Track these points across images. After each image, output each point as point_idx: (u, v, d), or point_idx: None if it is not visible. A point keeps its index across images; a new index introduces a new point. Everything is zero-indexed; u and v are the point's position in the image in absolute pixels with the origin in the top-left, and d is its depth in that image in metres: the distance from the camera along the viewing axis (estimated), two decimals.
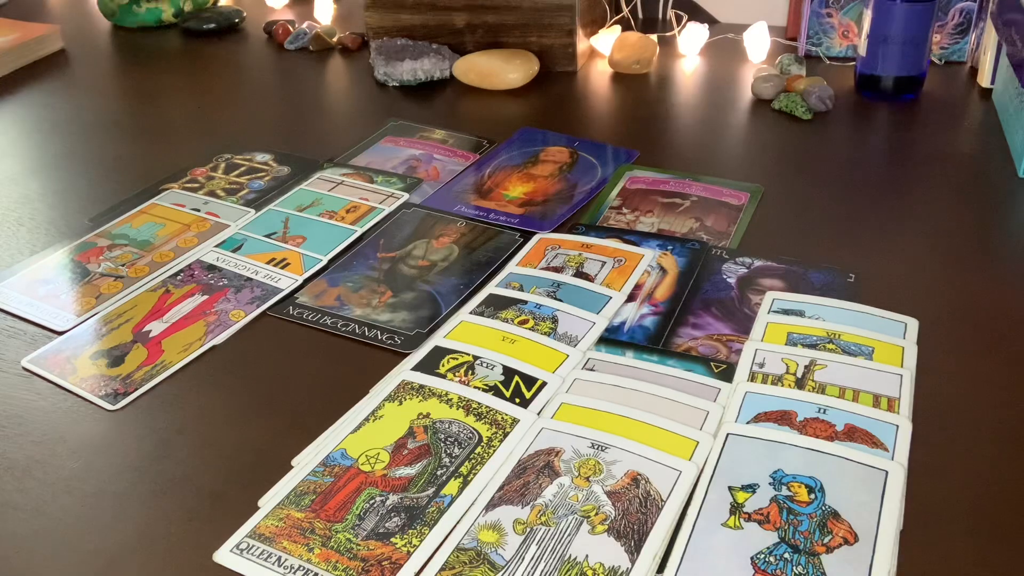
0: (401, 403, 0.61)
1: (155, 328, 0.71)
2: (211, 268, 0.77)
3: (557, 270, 0.75)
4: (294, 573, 0.50)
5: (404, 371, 0.64)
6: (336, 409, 0.62)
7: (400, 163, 0.94)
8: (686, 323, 0.69)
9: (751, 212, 0.84)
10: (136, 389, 0.65)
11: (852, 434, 0.57)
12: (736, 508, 0.53)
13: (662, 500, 0.53)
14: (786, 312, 0.69)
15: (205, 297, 0.74)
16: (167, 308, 0.73)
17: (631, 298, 0.72)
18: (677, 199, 0.86)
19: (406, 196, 0.87)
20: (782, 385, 0.62)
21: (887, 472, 0.55)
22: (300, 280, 0.76)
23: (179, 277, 0.76)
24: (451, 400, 0.61)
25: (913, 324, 0.68)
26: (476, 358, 0.65)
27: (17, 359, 0.68)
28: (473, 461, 0.57)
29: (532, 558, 0.50)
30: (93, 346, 0.69)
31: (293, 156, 0.96)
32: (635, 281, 0.73)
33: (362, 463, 0.57)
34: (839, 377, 0.62)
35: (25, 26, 1.27)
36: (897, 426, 0.58)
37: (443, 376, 0.63)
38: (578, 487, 0.54)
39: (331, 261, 0.78)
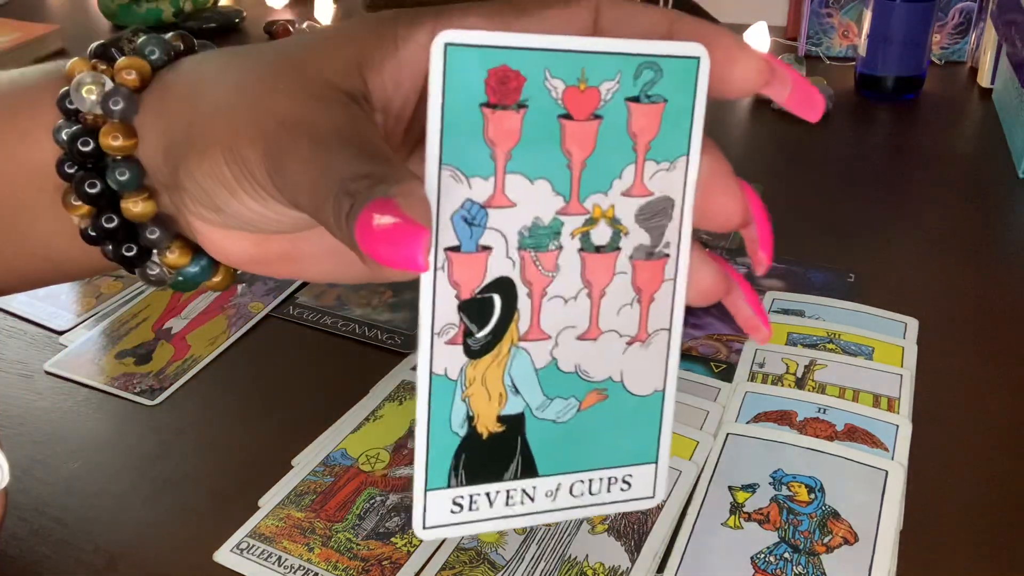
0: (401, 403, 0.61)
1: (176, 325, 0.71)
2: None
3: None
4: (294, 573, 0.50)
5: (404, 371, 0.64)
6: (336, 409, 0.62)
7: None
8: (686, 323, 0.69)
9: None
10: (172, 384, 0.65)
11: (852, 434, 0.57)
12: (736, 508, 0.53)
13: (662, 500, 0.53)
14: (786, 312, 0.69)
15: (217, 292, 0.74)
16: (182, 305, 0.73)
17: None
18: None
19: None
20: (782, 385, 0.62)
21: (887, 472, 0.55)
22: None
23: None
24: None
25: (913, 324, 0.68)
26: None
27: (17, 359, 0.68)
28: None
29: (532, 558, 0.50)
30: (115, 346, 0.69)
31: None
32: None
33: (362, 463, 0.57)
34: (839, 377, 0.62)
35: (25, 26, 1.27)
36: (897, 426, 0.58)
37: None
38: None
39: None
